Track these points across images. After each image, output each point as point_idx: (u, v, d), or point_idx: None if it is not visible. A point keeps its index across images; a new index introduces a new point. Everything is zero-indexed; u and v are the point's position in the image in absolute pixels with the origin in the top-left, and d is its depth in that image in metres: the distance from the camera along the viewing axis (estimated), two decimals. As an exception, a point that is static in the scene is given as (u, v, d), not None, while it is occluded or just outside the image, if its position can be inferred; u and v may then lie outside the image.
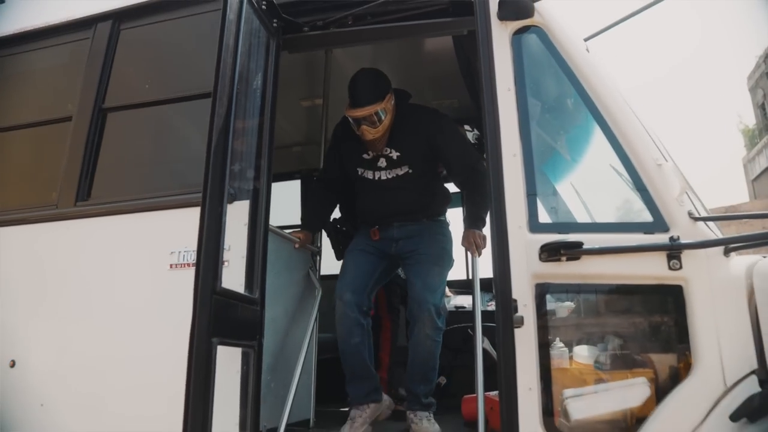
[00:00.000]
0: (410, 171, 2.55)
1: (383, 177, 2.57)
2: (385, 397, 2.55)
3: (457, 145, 2.57)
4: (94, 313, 2.13)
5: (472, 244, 2.39)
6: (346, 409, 2.47)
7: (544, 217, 1.79)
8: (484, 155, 2.07)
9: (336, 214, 2.92)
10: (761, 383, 1.54)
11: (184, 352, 1.77)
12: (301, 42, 2.30)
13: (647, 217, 1.72)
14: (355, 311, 2.42)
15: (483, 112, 1.84)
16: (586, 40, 2.33)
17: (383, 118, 2.43)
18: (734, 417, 1.50)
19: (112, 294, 2.12)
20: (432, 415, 2.43)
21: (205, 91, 2.26)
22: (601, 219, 1.88)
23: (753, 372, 1.57)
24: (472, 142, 3.76)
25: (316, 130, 3.70)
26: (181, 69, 2.50)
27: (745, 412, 1.49)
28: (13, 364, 2.17)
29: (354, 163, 2.60)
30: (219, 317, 1.62)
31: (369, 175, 2.59)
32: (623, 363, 1.71)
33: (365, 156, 2.56)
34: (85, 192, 2.32)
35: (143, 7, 2.55)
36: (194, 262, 1.96)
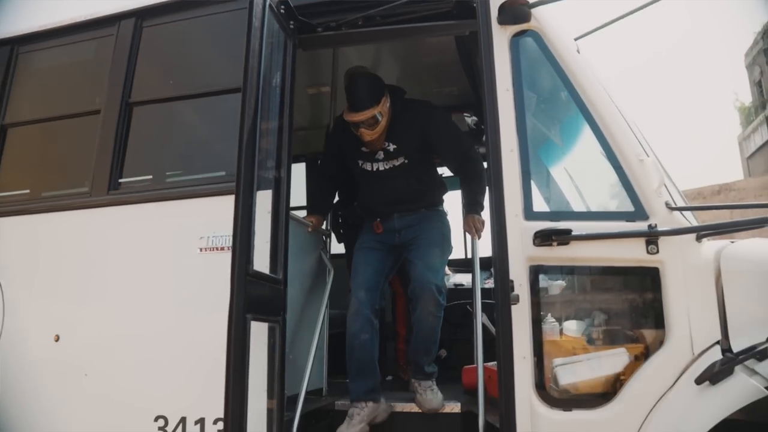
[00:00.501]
0: (406, 162, 2.71)
1: (381, 168, 2.73)
2: (383, 400, 2.60)
3: (449, 135, 2.73)
4: (130, 291, 2.34)
5: (472, 228, 2.61)
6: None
7: (537, 206, 2.01)
8: (484, 149, 2.28)
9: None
10: (723, 352, 1.77)
11: (213, 326, 2.01)
12: (314, 41, 2.47)
13: (629, 206, 1.94)
14: (368, 309, 2.58)
15: (484, 111, 2.03)
16: (577, 39, 2.52)
17: (380, 120, 2.58)
18: (698, 381, 1.74)
19: (146, 274, 2.33)
20: (435, 383, 2.61)
21: (223, 88, 2.48)
22: (588, 208, 2.10)
23: (717, 342, 1.81)
24: (472, 127, 3.95)
25: (320, 115, 3.89)
26: (201, 65, 2.67)
27: (708, 376, 1.73)
28: (57, 339, 2.39)
29: (354, 156, 2.78)
30: (251, 296, 1.84)
31: (368, 167, 2.75)
32: (606, 335, 1.95)
33: (364, 149, 2.73)
34: (116, 181, 2.51)
35: (164, 6, 2.71)
36: (222, 246, 2.20)
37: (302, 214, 2.98)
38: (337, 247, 3.26)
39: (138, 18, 2.72)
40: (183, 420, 2.14)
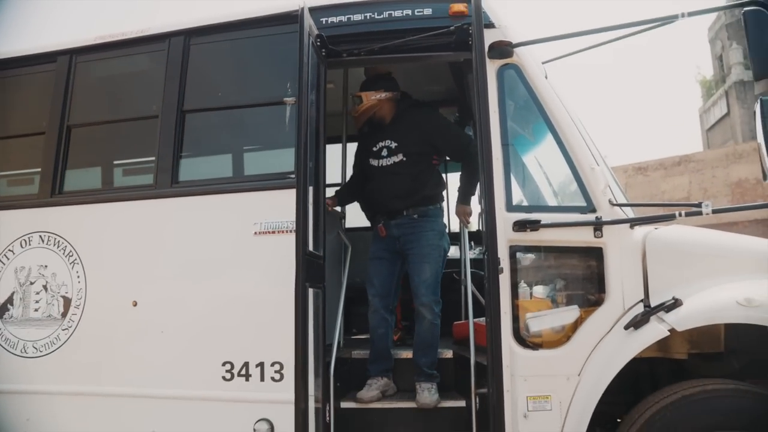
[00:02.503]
0: (404, 159, 3.20)
1: (384, 164, 3.25)
2: (393, 381, 3.17)
3: (450, 135, 3.31)
4: (197, 266, 2.94)
5: (462, 216, 3.25)
6: (365, 336, 3.33)
7: (516, 201, 2.69)
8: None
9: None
10: (644, 307, 2.50)
11: (266, 291, 2.67)
12: (340, 63, 3.07)
13: (583, 202, 2.63)
14: (382, 311, 3.15)
15: (477, 129, 2.67)
16: (544, 63, 3.16)
17: (361, 102, 3.25)
18: (626, 327, 2.47)
19: (210, 251, 2.92)
20: (435, 386, 3.00)
21: (266, 100, 3.07)
22: (553, 203, 2.79)
23: (641, 301, 2.53)
24: (456, 117, 4.56)
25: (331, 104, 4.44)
26: (244, 79, 3.23)
27: (633, 323, 2.46)
28: (135, 304, 2.99)
29: (367, 155, 3.34)
30: (307, 269, 2.49)
31: (375, 162, 3.28)
32: (564, 296, 2.66)
33: (373, 148, 3.29)
34: (177, 176, 3.07)
35: (209, 27, 3.23)
36: (272, 230, 2.82)
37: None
38: (352, 222, 3.92)
39: (186, 36, 3.23)
40: (246, 364, 2.79)
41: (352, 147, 3.70)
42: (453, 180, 3.65)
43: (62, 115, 3.32)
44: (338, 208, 3.64)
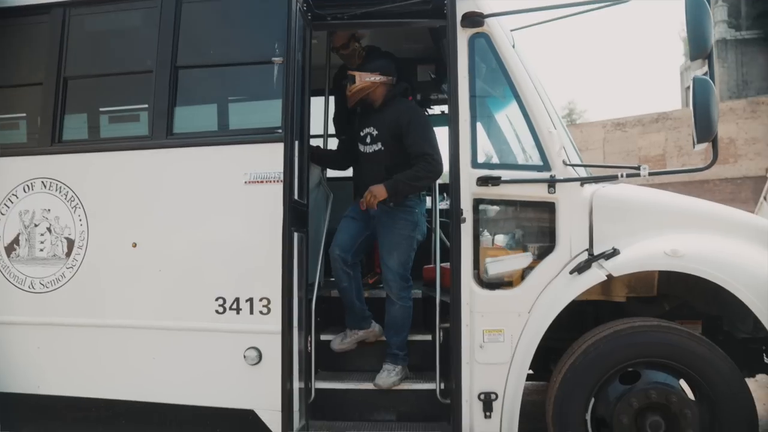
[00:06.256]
0: (382, 149, 3.29)
1: (367, 150, 3.35)
2: (376, 326, 3.34)
3: (416, 136, 3.19)
4: (190, 211, 3.21)
5: (369, 194, 3.12)
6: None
7: (480, 159, 3.00)
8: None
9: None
10: (588, 255, 2.87)
11: (254, 234, 2.98)
12: (325, 27, 3.29)
13: (539, 162, 2.96)
14: (341, 263, 3.25)
15: (449, 92, 2.96)
16: (513, 30, 3.41)
17: (355, 82, 3.26)
18: (571, 272, 2.86)
19: (203, 198, 3.19)
20: (396, 368, 3.16)
21: (255, 58, 3.28)
22: (512, 161, 3.12)
23: (585, 250, 2.90)
24: (432, 77, 4.75)
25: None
26: (234, 37, 3.42)
27: (577, 269, 2.84)
28: (134, 245, 3.27)
29: (356, 139, 3.43)
30: (293, 216, 2.80)
31: (361, 148, 3.39)
32: (520, 243, 3.02)
33: (361, 133, 3.39)
34: (171, 128, 3.31)
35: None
36: (261, 180, 3.10)
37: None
38: (333, 173, 4.20)
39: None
40: (237, 299, 3.11)
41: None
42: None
43: (59, 67, 3.49)
44: None
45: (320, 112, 4.30)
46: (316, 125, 4.04)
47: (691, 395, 2.82)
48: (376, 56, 3.43)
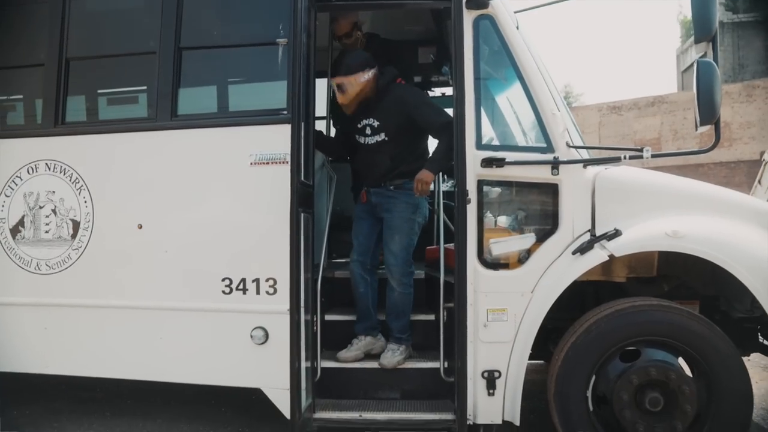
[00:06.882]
0: (386, 138, 3.28)
1: (368, 142, 3.34)
2: (380, 337, 3.34)
3: (426, 114, 3.26)
4: (196, 192, 3.23)
5: (419, 183, 3.15)
6: (346, 259, 3.67)
7: (485, 140, 3.03)
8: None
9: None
10: (590, 236, 2.91)
11: (259, 218, 3.02)
12: (329, 7, 3.28)
13: (543, 143, 2.98)
14: (360, 269, 3.33)
15: (454, 75, 2.97)
16: (517, 12, 3.42)
17: (347, 89, 3.17)
18: (574, 252, 2.90)
19: (209, 179, 3.21)
20: (400, 348, 3.24)
21: (259, 40, 3.29)
22: (517, 143, 3.13)
23: (588, 231, 2.94)
24: (432, 59, 4.76)
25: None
26: (237, 19, 3.41)
27: (580, 249, 2.88)
28: (140, 227, 3.29)
29: (353, 131, 3.40)
30: (299, 197, 2.83)
31: (360, 139, 3.37)
32: (522, 225, 3.06)
33: (358, 125, 3.35)
34: (176, 110, 3.31)
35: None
36: (266, 161, 3.12)
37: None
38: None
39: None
40: (243, 280, 3.15)
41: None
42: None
43: (60, 49, 3.47)
44: None
45: (324, 93, 4.32)
46: (320, 106, 4.06)
47: (689, 372, 2.89)
48: (354, 56, 3.33)
